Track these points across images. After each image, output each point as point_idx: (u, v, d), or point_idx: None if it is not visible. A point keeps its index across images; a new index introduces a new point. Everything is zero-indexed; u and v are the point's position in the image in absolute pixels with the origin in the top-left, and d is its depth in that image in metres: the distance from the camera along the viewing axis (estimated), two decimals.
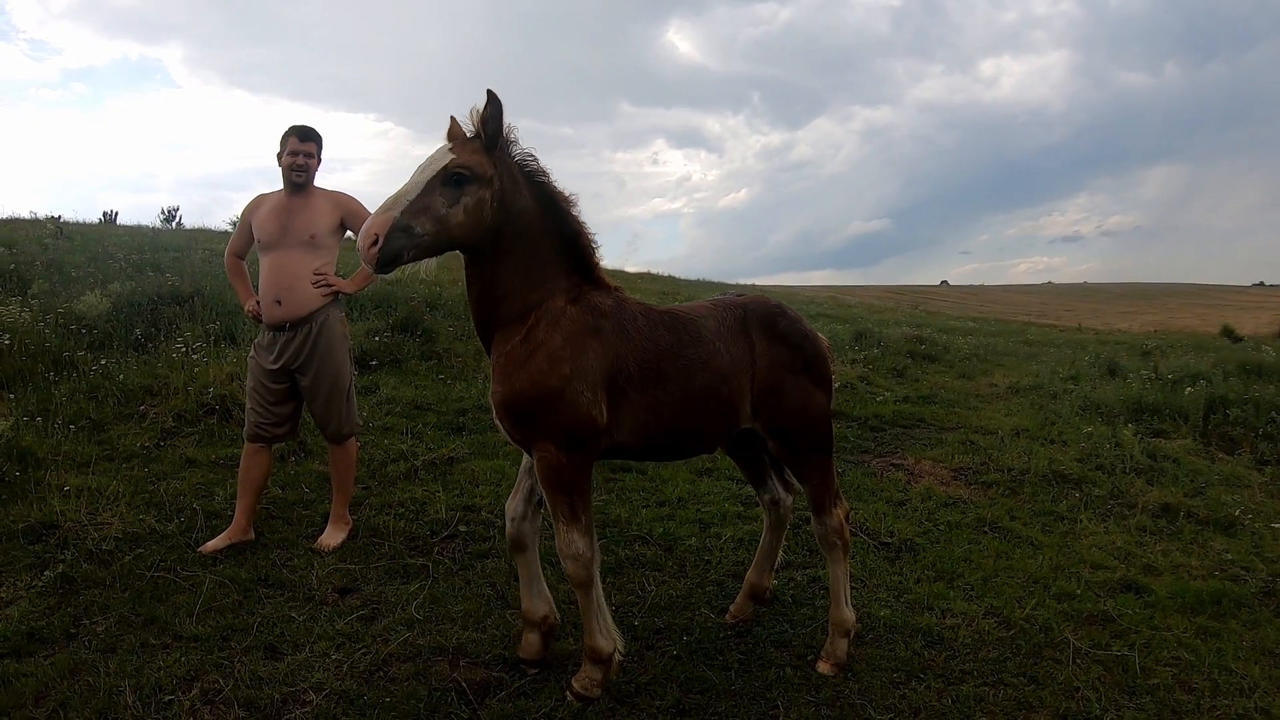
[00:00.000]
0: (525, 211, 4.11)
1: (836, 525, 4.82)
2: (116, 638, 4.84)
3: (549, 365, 4.06)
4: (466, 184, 3.90)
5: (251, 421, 6.24)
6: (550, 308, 4.16)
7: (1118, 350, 18.52)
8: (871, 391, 12.72)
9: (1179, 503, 7.88)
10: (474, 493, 7.28)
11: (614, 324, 4.24)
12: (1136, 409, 11.67)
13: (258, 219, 6.16)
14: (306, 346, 6.10)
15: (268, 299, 6.05)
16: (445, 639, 4.93)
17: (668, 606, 5.51)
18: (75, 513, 6.23)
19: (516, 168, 4.13)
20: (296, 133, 6.10)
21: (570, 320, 4.15)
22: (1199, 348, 19.79)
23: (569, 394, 4.05)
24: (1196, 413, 11.11)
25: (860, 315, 25.30)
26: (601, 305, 4.26)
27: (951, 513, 7.47)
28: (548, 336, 4.10)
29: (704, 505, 7.28)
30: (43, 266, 14.06)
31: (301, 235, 6.05)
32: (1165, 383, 13.11)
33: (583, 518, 4.23)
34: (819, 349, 4.77)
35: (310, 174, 6.18)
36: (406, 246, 3.80)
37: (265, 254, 6.11)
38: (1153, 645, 5.29)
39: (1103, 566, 6.46)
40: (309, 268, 6.07)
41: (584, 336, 4.14)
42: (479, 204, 3.93)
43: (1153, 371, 14.23)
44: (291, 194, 6.16)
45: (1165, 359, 16.40)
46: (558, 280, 4.23)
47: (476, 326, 4.34)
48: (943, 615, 5.52)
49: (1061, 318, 44.99)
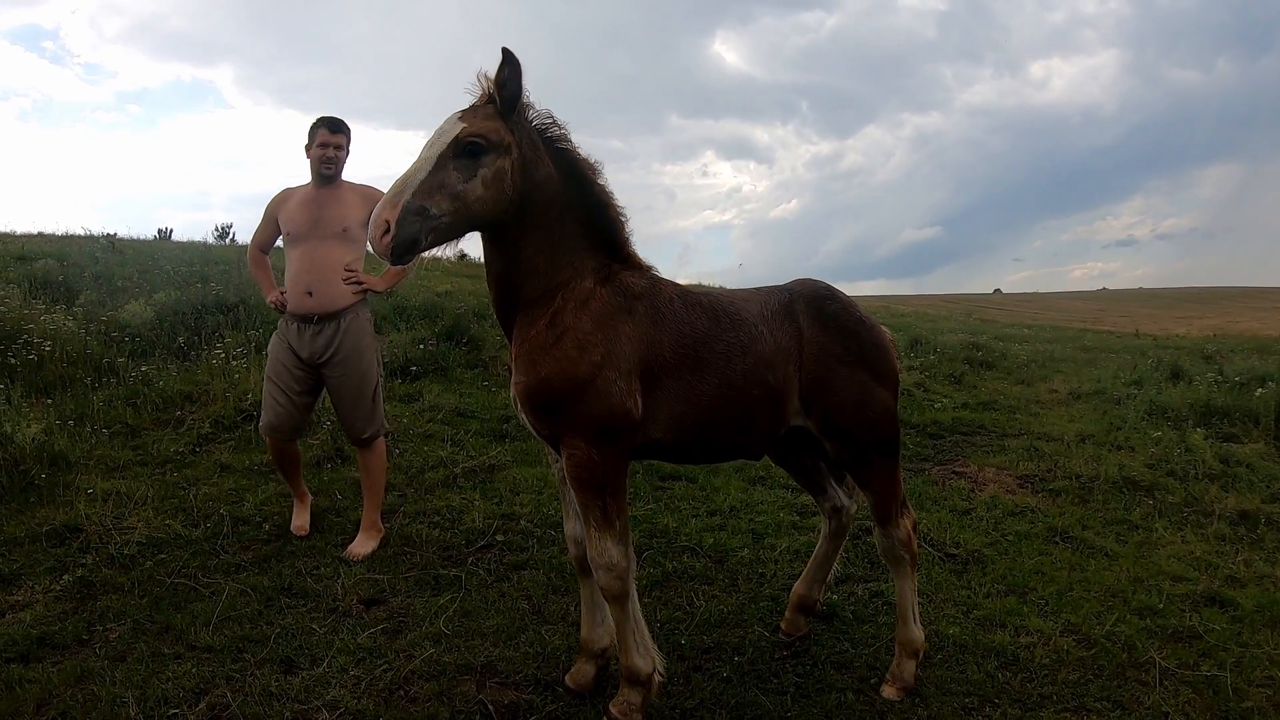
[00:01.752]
0: (548, 181, 3.73)
1: (904, 537, 4.42)
2: (128, 645, 4.70)
3: (578, 352, 3.69)
4: (483, 154, 3.51)
5: (271, 413, 6.11)
6: (578, 289, 3.80)
7: (1178, 355, 18.08)
8: (929, 398, 12.43)
9: (1257, 509, 7.53)
10: (514, 501, 7.04)
11: (648, 306, 3.87)
12: (1205, 412, 11.27)
13: (286, 212, 6.10)
14: (335, 341, 6.02)
15: (298, 289, 5.97)
16: (474, 656, 4.66)
17: (718, 623, 5.17)
18: (100, 516, 6.23)
19: (536, 133, 3.74)
20: (326, 124, 6.04)
21: (600, 302, 3.79)
22: (1262, 350, 19.37)
23: (600, 383, 3.68)
24: (1268, 415, 10.73)
25: (914, 323, 24.95)
26: (634, 286, 3.90)
27: (1019, 522, 7.12)
28: (576, 320, 3.73)
29: (757, 515, 6.96)
30: (91, 278, 14.16)
31: (334, 227, 5.97)
32: (1233, 385, 12.71)
33: (617, 523, 3.83)
34: (877, 338, 4.33)
35: (340, 166, 6.12)
36: (423, 230, 3.41)
37: (296, 245, 6.02)
38: (1243, 664, 4.92)
39: (1183, 578, 6.09)
40: (342, 261, 5.94)
41: (616, 320, 3.78)
42: (498, 175, 3.55)
43: (1218, 374, 13.80)
44: (320, 186, 6.10)
45: (1229, 362, 15.96)
46: (585, 258, 3.86)
47: (496, 311, 4.01)
48: (1016, 633, 5.16)
49: (1118, 323, 44.37)
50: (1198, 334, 31.87)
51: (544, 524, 6.52)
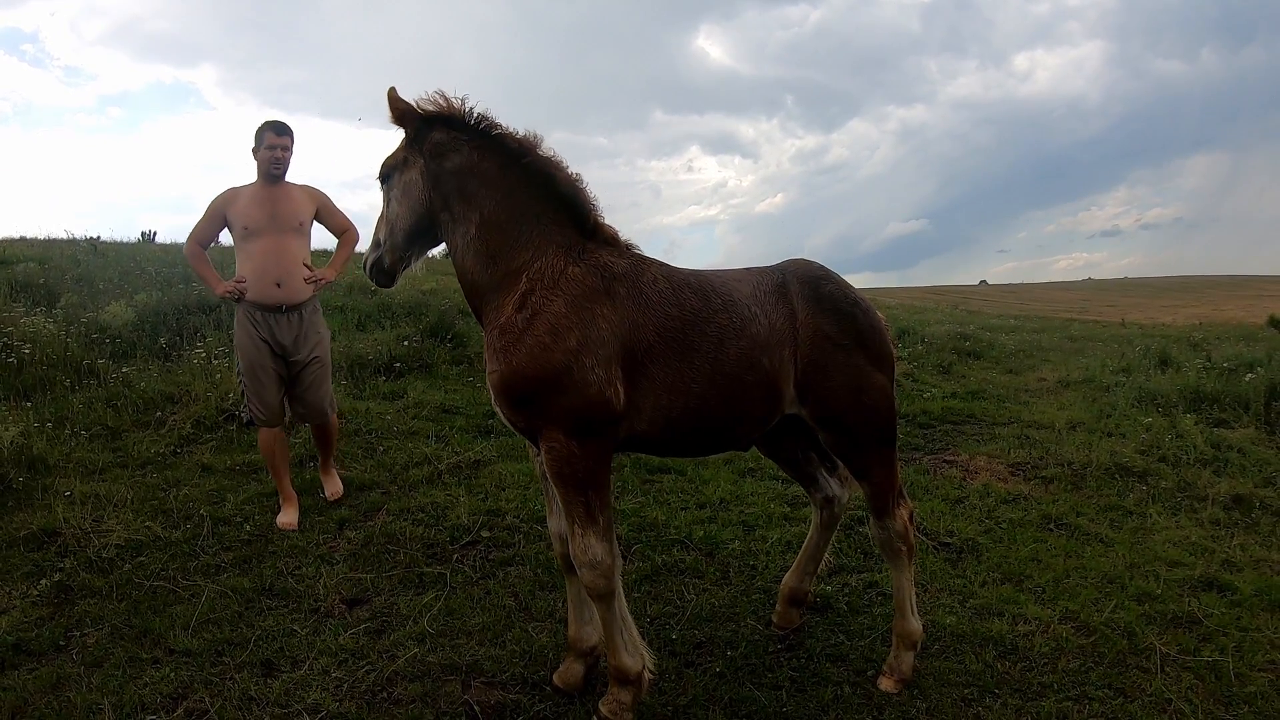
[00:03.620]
0: (472, 167, 3.83)
1: (900, 529, 4.31)
2: (105, 651, 4.64)
3: (551, 337, 3.57)
4: (390, 177, 4.00)
5: (262, 403, 6.51)
6: (544, 268, 3.71)
7: (1165, 343, 18.08)
8: (918, 388, 12.36)
9: (1251, 494, 7.50)
10: (499, 497, 6.93)
11: (629, 287, 3.75)
12: (1195, 398, 11.20)
13: (238, 209, 6.42)
14: (304, 329, 6.56)
15: (266, 281, 6.35)
16: (459, 656, 4.57)
17: (709, 617, 5.08)
18: (79, 519, 6.15)
19: (444, 130, 3.88)
20: (272, 128, 6.44)
21: (572, 282, 3.68)
22: (1248, 338, 19.44)
23: (577, 371, 3.56)
24: (1258, 400, 10.65)
25: (900, 315, 24.92)
26: (614, 266, 3.78)
27: (1013, 510, 7.05)
28: (546, 301, 3.64)
29: (748, 506, 6.88)
30: (72, 281, 14.10)
31: (291, 222, 6.48)
32: (1221, 371, 12.68)
33: (600, 519, 3.71)
34: (873, 320, 4.20)
35: (286, 166, 6.52)
36: (381, 254, 4.03)
37: (254, 239, 6.39)
38: (1244, 649, 4.88)
39: (1180, 563, 6.05)
40: (302, 254, 6.55)
41: (592, 301, 3.66)
42: (406, 187, 3.94)
43: (1207, 360, 13.78)
44: (269, 184, 6.48)
45: (1216, 349, 15.99)
46: (548, 235, 3.79)
47: (467, 299, 4.00)
48: (1014, 621, 5.07)
49: (1104, 313, 44.48)
50: (1184, 323, 31.98)
51: (530, 520, 6.43)
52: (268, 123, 6.49)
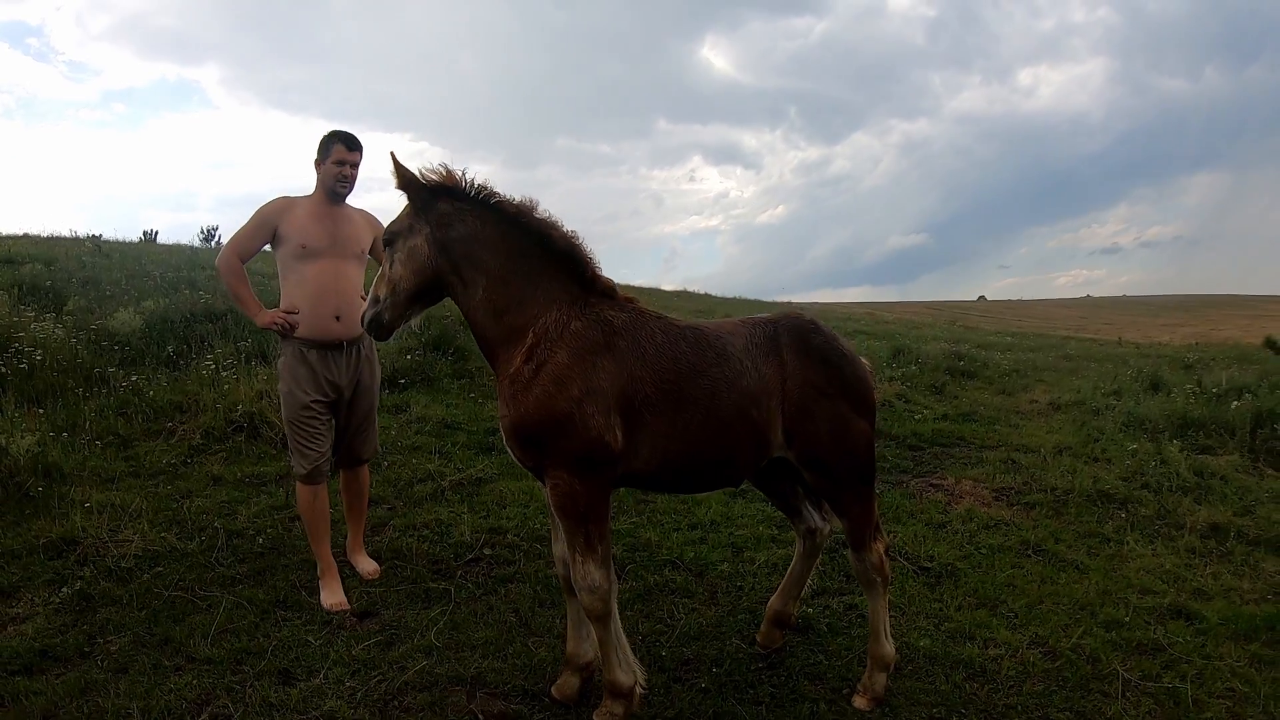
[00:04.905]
0: (476, 234, 4.13)
1: (876, 561, 4.58)
2: (129, 658, 4.81)
3: (556, 387, 3.90)
4: (394, 242, 4.23)
5: (311, 460, 5.70)
6: (549, 323, 4.04)
7: (1159, 364, 18.20)
8: (910, 409, 12.52)
9: (1228, 522, 7.68)
10: (500, 514, 7.16)
11: (629, 341, 4.06)
12: (1182, 424, 11.38)
13: (295, 223, 5.64)
14: (360, 367, 5.88)
15: (324, 313, 5.62)
16: (464, 668, 4.80)
17: (697, 636, 5.31)
18: (97, 529, 6.29)
19: (448, 200, 4.17)
20: (344, 140, 5.70)
21: (575, 336, 4.00)
22: (1242, 359, 19.49)
23: (579, 417, 3.89)
24: (1243, 427, 10.83)
25: (898, 332, 25.05)
26: (614, 320, 4.09)
27: (993, 535, 7.25)
28: (551, 354, 3.96)
29: (737, 529, 7.10)
30: (79, 284, 14.33)
31: (354, 248, 5.78)
32: (1210, 397, 12.83)
33: (599, 548, 4.03)
34: (858, 370, 4.49)
35: (353, 186, 5.82)
36: (381, 310, 4.25)
37: (312, 261, 5.62)
38: (1205, 676, 5.09)
39: (1151, 591, 6.25)
40: (362, 285, 5.77)
41: (594, 354, 3.98)
42: (410, 252, 4.17)
43: (1196, 385, 13.92)
44: (330, 202, 5.77)
45: (1209, 372, 16.11)
46: (552, 292, 4.12)
47: (480, 350, 4.32)
48: (985, 645, 5.31)
49: (1101, 331, 44.49)
50: (1180, 342, 32.01)
51: (530, 538, 6.64)
52: (337, 133, 5.71)
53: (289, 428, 5.75)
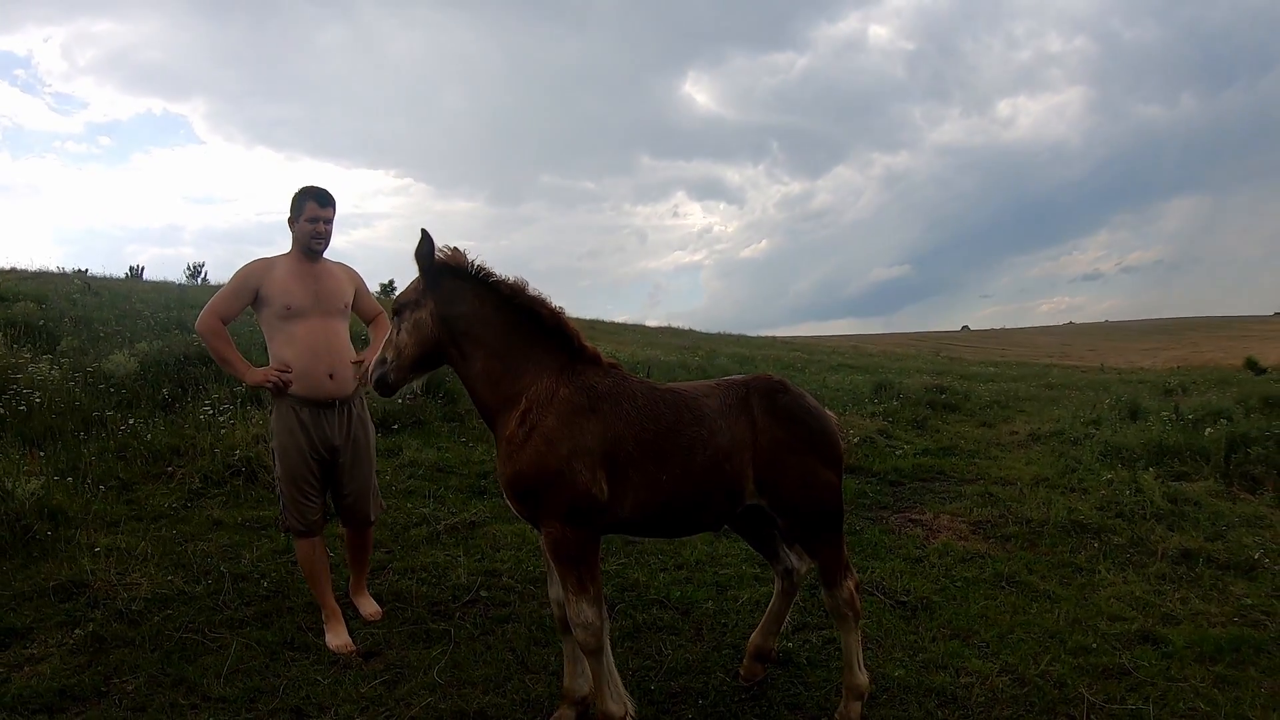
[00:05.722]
0: (474, 312, 4.52)
1: (847, 597, 4.86)
2: (147, 697, 4.96)
3: (546, 446, 4.27)
4: (403, 312, 4.57)
5: (303, 515, 5.81)
6: (540, 390, 4.40)
7: (1140, 390, 18.45)
8: (891, 445, 12.72)
9: (1199, 548, 7.84)
10: (495, 558, 7.37)
11: (611, 405, 4.41)
12: (1158, 452, 11.56)
13: (276, 284, 5.68)
14: (353, 424, 5.93)
15: (317, 371, 5.67)
16: (467, 704, 4.99)
17: (684, 670, 5.54)
18: (105, 572, 6.39)
19: (457, 280, 4.55)
20: (315, 197, 5.72)
21: (563, 402, 4.36)
22: (1222, 382, 19.68)
23: (568, 473, 4.24)
24: (1218, 453, 11.02)
25: (881, 364, 25.33)
26: (599, 386, 4.46)
27: (969, 568, 7.45)
28: (541, 419, 4.32)
29: (721, 568, 7.32)
30: (71, 323, 14.46)
31: (336, 304, 5.83)
32: (1186, 423, 13.01)
33: (590, 588, 4.37)
34: (824, 425, 4.82)
35: (328, 242, 5.85)
36: (387, 371, 4.56)
37: (297, 322, 5.67)
38: (1168, 697, 5.27)
39: (1120, 618, 6.43)
40: (348, 339, 5.91)
41: (579, 417, 4.34)
42: (416, 324, 4.53)
43: (1173, 412, 14.13)
44: (306, 259, 5.81)
45: (1187, 397, 16.31)
46: (542, 362, 4.49)
47: (480, 415, 4.71)
48: (957, 674, 5.52)
49: (1084, 358, 44.77)
50: (1162, 366, 32.29)
51: (524, 580, 6.85)
52: (308, 190, 5.74)
53: (283, 484, 5.80)
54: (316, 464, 5.82)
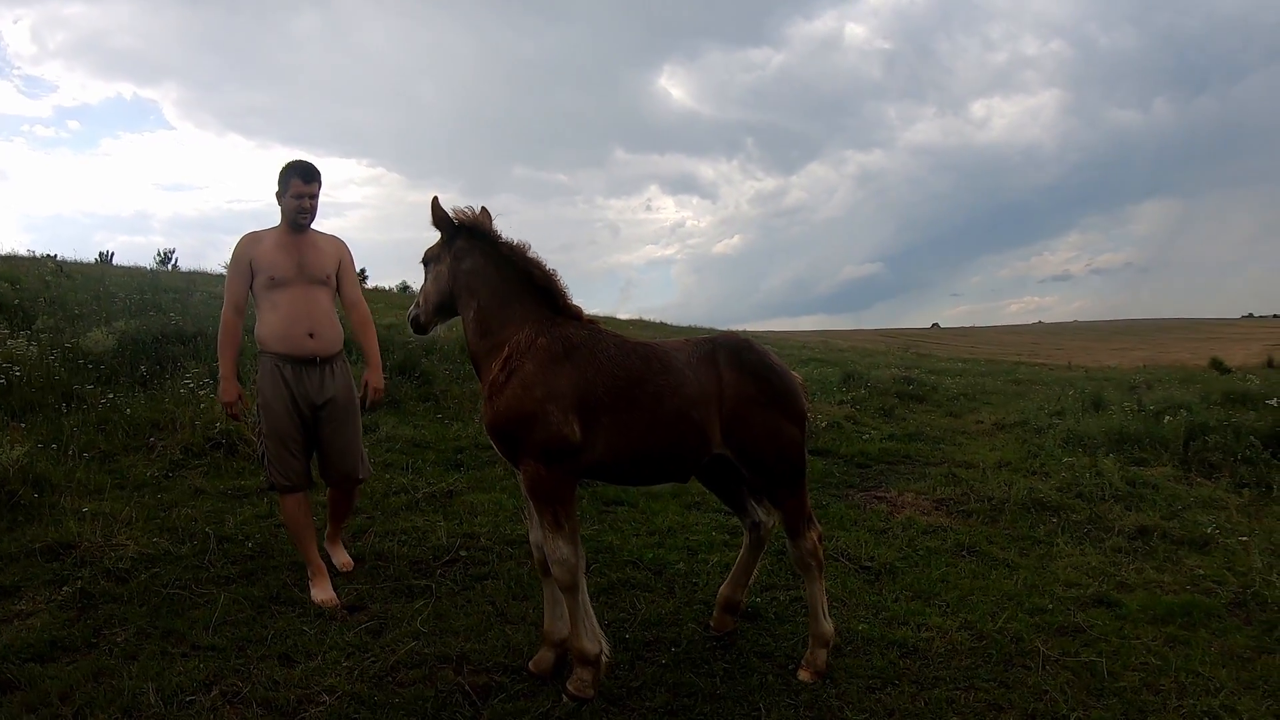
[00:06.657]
0: (477, 268, 5.01)
1: (810, 547, 5.11)
2: (136, 646, 5.13)
3: (523, 390, 4.59)
4: (429, 265, 5.27)
5: (287, 470, 5.98)
6: (521, 340, 4.73)
7: (1105, 386, 18.62)
8: (858, 430, 12.87)
9: (1155, 525, 8.01)
10: (473, 522, 7.55)
11: (585, 354, 4.71)
12: (1119, 440, 11.73)
13: (263, 255, 5.92)
14: (336, 383, 6.08)
15: (298, 332, 5.89)
16: (449, 649, 5.21)
17: (657, 622, 5.75)
18: (91, 534, 6.54)
19: (469, 239, 5.08)
20: (300, 173, 5.92)
21: (540, 350, 4.67)
22: (1187, 380, 19.82)
23: (542, 415, 4.55)
24: (1177, 440, 11.19)
25: (850, 358, 25.45)
26: (574, 337, 4.77)
27: (931, 539, 7.65)
28: (520, 365, 4.65)
29: (692, 534, 7.54)
30: (46, 303, 14.55)
31: (319, 273, 6.00)
32: (1148, 414, 13.17)
33: (566, 525, 4.64)
34: (787, 383, 5.06)
35: (314, 215, 6.05)
36: (419, 314, 5.28)
37: (281, 289, 5.90)
38: (1121, 652, 5.49)
39: (1076, 584, 6.62)
40: (330, 306, 6.11)
41: (554, 364, 4.64)
42: (437, 276, 5.17)
43: (1136, 404, 14.34)
44: (294, 232, 6.02)
45: (1151, 392, 16.50)
46: (527, 315, 4.85)
47: (471, 361, 5.13)
48: (918, 629, 5.73)
49: (1052, 356, 45.09)
50: (1129, 365, 32.52)
51: (502, 541, 7.05)
52: (294, 165, 5.93)
53: (268, 440, 5.96)
54: (300, 420, 6.01)
